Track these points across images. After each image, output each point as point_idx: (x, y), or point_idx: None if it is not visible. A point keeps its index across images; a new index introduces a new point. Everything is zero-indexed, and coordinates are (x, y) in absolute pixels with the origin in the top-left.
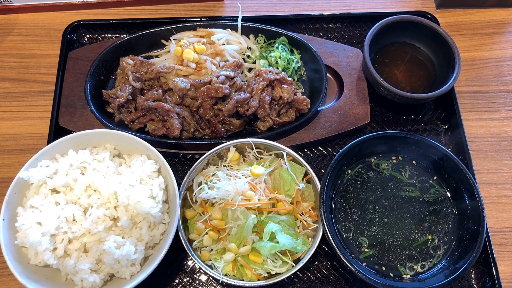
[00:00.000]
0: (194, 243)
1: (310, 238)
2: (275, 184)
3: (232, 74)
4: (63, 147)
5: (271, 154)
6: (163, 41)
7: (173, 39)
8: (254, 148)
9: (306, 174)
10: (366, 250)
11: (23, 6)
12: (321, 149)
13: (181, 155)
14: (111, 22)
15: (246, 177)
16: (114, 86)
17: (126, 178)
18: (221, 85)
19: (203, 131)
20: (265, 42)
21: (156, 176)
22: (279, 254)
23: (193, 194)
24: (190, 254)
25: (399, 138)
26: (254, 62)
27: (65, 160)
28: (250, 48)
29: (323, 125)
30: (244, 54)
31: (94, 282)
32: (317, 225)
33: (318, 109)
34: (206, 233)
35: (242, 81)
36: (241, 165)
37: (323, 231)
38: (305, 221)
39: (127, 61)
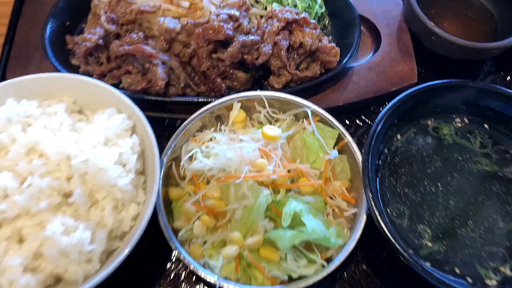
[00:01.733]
0: (181, 232)
1: (346, 229)
2: (295, 155)
3: (237, 13)
4: (0, 97)
5: (289, 116)
6: None
7: None
8: (267, 105)
9: (338, 140)
10: (429, 244)
11: None
12: (355, 118)
13: (166, 121)
14: None
15: (255, 142)
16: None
17: (85, 137)
18: (222, 24)
19: (197, 88)
20: None
21: (129, 136)
22: (302, 249)
23: (181, 165)
24: (174, 247)
25: (466, 89)
26: (265, 9)
27: (0, 112)
28: None
29: (356, 85)
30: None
31: (28, 287)
32: (355, 210)
33: (350, 65)
34: (198, 219)
35: (250, 26)
36: (248, 129)
37: (367, 218)
38: (338, 206)
39: None
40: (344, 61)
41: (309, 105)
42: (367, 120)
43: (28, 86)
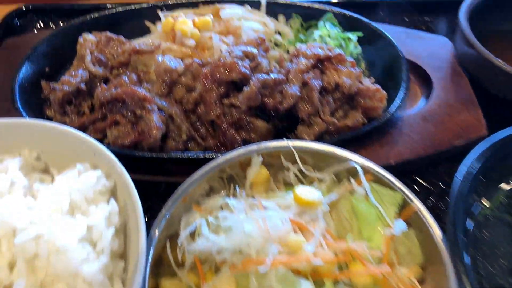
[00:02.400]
0: None
1: None
2: (341, 230)
3: (254, 51)
4: None
5: (328, 175)
6: (148, 23)
7: (163, 15)
8: (298, 160)
9: (401, 208)
10: None
11: None
12: (412, 182)
13: (162, 187)
14: (75, 8)
15: (285, 210)
16: None
17: (41, 203)
18: (236, 61)
19: (204, 142)
20: (302, 25)
21: (105, 202)
22: None
23: (179, 245)
24: None
25: None
26: (288, 52)
27: None
28: (279, 33)
29: (410, 138)
30: (271, 41)
31: None
32: None
33: (398, 114)
34: None
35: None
36: (273, 192)
37: None
38: None
39: (87, 37)
40: (393, 107)
41: (357, 159)
42: (425, 184)
43: None
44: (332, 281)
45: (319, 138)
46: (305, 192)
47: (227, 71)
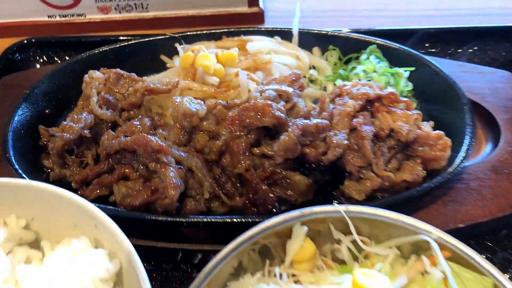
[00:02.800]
0: None
1: None
2: None
3: (289, 90)
4: None
5: (390, 249)
6: (164, 57)
7: (181, 49)
8: (353, 230)
9: None
10: None
11: None
12: (479, 247)
13: (179, 256)
14: (82, 40)
15: None
16: None
17: None
18: (269, 103)
19: (230, 201)
20: (340, 59)
21: None
22: None
23: None
24: None
25: None
26: (324, 89)
27: None
28: (315, 68)
29: (479, 195)
30: (305, 77)
31: None
32: None
33: (463, 165)
34: None
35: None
36: (320, 273)
37: None
38: None
39: (94, 75)
40: (459, 157)
41: (432, 231)
42: (499, 250)
43: None
44: None
45: (370, 196)
46: (368, 278)
47: (259, 115)
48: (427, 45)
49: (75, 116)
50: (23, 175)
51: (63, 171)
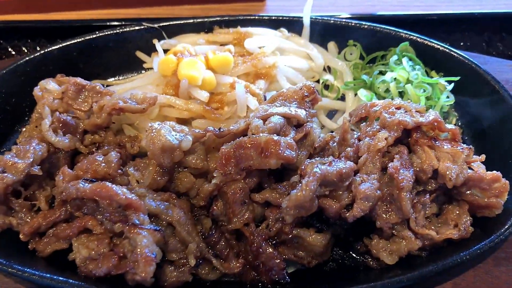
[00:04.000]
0: None
1: None
2: None
3: (302, 113)
4: None
5: None
6: (139, 53)
7: (160, 46)
8: None
9: None
10: None
11: None
12: None
13: None
14: (47, 25)
15: None
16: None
17: None
18: (276, 139)
19: (224, 266)
20: (362, 58)
21: None
22: None
23: None
24: None
25: None
26: (342, 98)
27: None
28: (329, 70)
29: None
30: (319, 82)
31: None
32: None
33: None
34: None
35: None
36: None
37: None
38: None
39: (47, 86)
40: None
41: None
42: None
43: None
44: None
45: (402, 262)
46: None
47: (262, 155)
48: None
49: (21, 147)
50: None
51: (7, 219)
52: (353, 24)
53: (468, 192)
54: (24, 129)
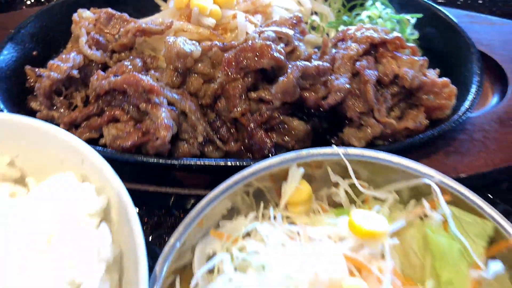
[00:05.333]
0: None
1: None
2: (408, 268)
3: (290, 32)
4: None
5: (389, 193)
6: (157, 0)
7: None
8: (351, 172)
9: (493, 240)
10: None
11: None
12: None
13: (172, 201)
14: None
15: (334, 241)
16: None
17: (7, 238)
18: (268, 43)
19: (225, 146)
20: (344, 5)
21: (94, 227)
22: None
23: (191, 282)
24: None
25: None
26: (327, 36)
27: None
28: (317, 14)
29: (483, 146)
30: (307, 23)
31: None
32: None
33: (468, 115)
34: None
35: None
36: (316, 216)
37: None
38: None
39: (83, 14)
40: (464, 108)
41: (432, 174)
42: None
43: None
44: None
45: (370, 144)
46: (365, 218)
47: (256, 56)
48: None
49: (63, 56)
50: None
51: (50, 113)
52: None
53: (424, 96)
54: (64, 50)
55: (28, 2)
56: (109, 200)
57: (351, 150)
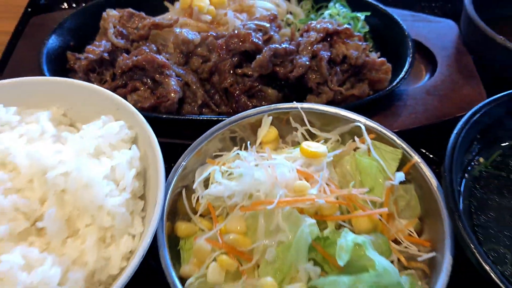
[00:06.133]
0: (190, 280)
1: (420, 283)
2: (345, 183)
3: (267, 25)
4: None
5: (334, 135)
6: (166, 3)
7: None
8: (305, 120)
9: (401, 164)
10: None
11: None
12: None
13: (180, 149)
14: None
15: (293, 162)
16: None
17: (69, 147)
18: (249, 32)
19: (217, 108)
20: (313, 7)
21: (127, 148)
22: None
23: (194, 190)
24: None
25: None
26: (298, 30)
27: None
28: (291, 13)
29: (413, 109)
30: (283, 21)
31: None
32: (433, 254)
33: (403, 88)
34: (214, 261)
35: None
36: (281, 150)
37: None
38: (406, 252)
39: (110, 12)
40: (398, 80)
41: (361, 120)
42: (430, 155)
43: (8, 91)
44: (335, 224)
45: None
46: (311, 145)
47: (241, 41)
48: None
49: (97, 43)
50: None
51: None
52: None
53: (368, 72)
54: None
55: (62, 6)
56: (137, 134)
57: (305, 105)
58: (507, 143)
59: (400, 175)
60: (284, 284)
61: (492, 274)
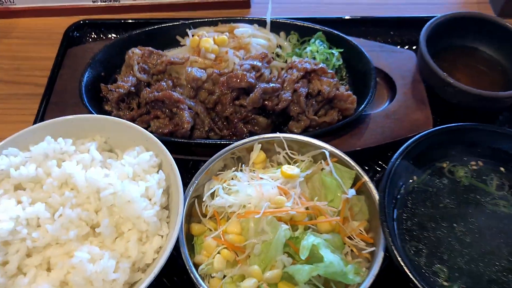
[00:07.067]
0: (201, 266)
1: (364, 269)
2: (314, 195)
3: (259, 64)
4: (39, 135)
5: (307, 158)
6: (178, 37)
7: (190, 32)
8: (286, 147)
9: (355, 181)
10: (445, 283)
11: (25, 9)
12: (373, 164)
13: (190, 163)
14: (122, 21)
15: (275, 181)
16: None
17: (114, 172)
18: (245, 73)
19: (220, 132)
20: (298, 40)
21: (155, 172)
22: (321, 286)
23: (203, 202)
24: (195, 280)
25: (480, 132)
26: (286, 62)
27: (39, 149)
28: (280, 47)
29: (374, 131)
30: (273, 53)
31: None
32: (373, 248)
33: (367, 112)
34: (218, 253)
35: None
36: (267, 169)
37: (385, 258)
38: (356, 246)
39: (134, 51)
40: (361, 108)
41: (327, 147)
42: (385, 166)
43: (64, 126)
44: (304, 227)
45: (304, 131)
46: (288, 169)
47: (238, 80)
48: (363, 29)
49: (125, 78)
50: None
51: (118, 113)
52: (294, 23)
53: (338, 102)
54: (121, 73)
55: (90, 40)
56: (161, 160)
57: (286, 135)
58: (437, 164)
59: (352, 191)
60: (266, 270)
61: (401, 262)
